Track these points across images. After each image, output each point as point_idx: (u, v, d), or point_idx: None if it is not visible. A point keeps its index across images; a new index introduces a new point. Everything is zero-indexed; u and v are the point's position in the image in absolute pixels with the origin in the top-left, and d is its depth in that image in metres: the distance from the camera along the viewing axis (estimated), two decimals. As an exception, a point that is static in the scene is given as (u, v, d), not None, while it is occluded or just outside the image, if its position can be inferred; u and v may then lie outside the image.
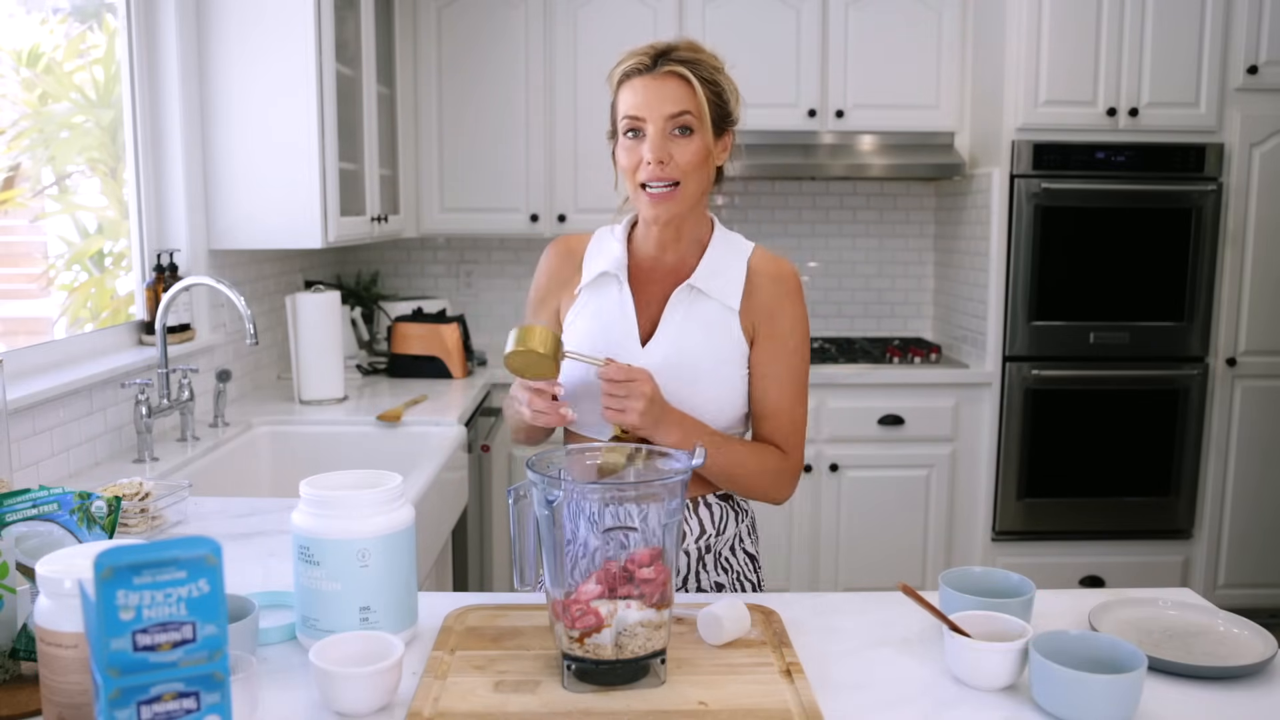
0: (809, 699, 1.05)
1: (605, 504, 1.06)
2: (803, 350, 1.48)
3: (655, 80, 1.38)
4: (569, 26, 3.59)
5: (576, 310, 1.51)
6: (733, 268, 1.47)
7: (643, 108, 1.38)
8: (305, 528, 1.14)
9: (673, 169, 1.38)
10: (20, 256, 2.51)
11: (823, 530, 3.50)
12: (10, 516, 1.08)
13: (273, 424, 2.63)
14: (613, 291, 1.48)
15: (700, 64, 1.40)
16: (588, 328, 1.48)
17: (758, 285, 1.47)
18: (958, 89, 3.64)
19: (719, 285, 1.45)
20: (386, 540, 1.15)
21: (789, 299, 1.47)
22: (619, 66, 1.42)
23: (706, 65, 1.41)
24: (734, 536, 1.54)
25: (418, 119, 3.65)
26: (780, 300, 1.46)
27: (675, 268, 1.48)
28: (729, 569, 1.53)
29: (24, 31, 2.32)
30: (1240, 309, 3.45)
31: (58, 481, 1.97)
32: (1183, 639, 1.22)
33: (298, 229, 2.68)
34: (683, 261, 1.49)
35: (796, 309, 1.47)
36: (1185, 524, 3.51)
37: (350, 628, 1.13)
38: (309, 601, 1.15)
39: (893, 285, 4.05)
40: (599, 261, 1.50)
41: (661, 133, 1.38)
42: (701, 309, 1.45)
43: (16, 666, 1.08)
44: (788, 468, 1.48)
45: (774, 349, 1.46)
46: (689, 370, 1.43)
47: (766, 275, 1.47)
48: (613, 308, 1.48)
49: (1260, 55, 3.32)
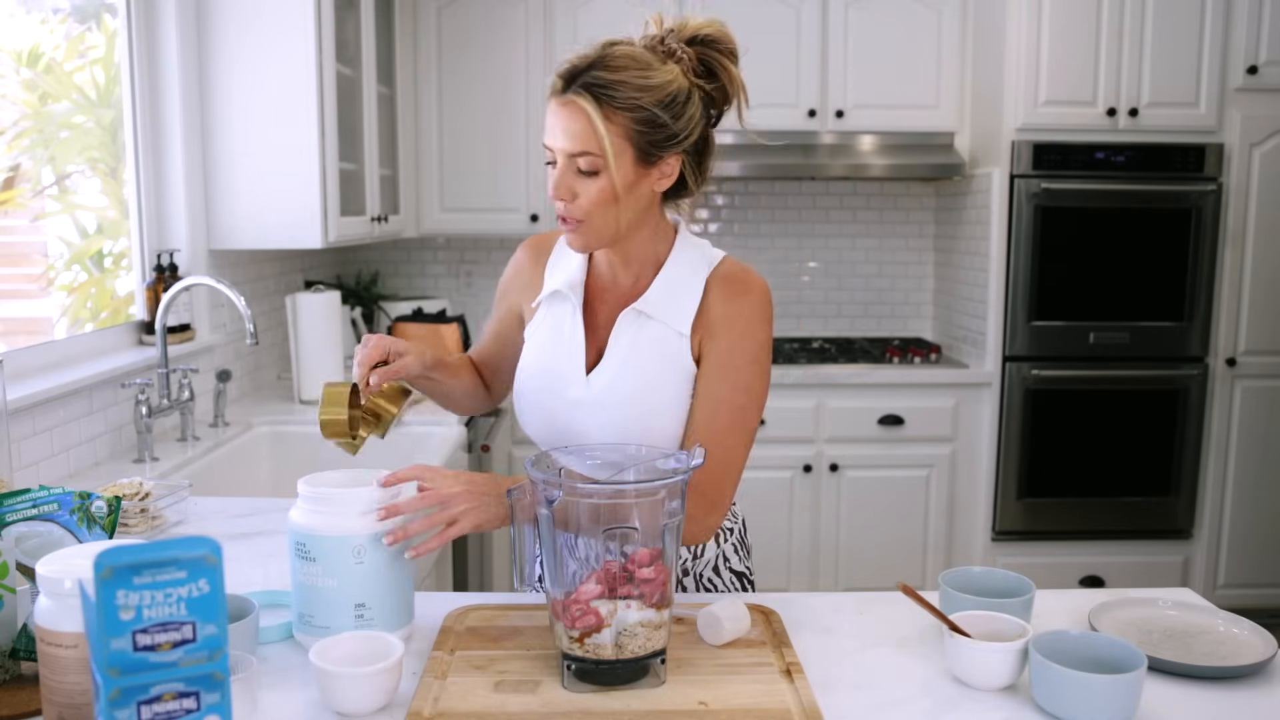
0: (809, 699, 1.05)
1: (605, 504, 1.06)
2: (745, 374, 1.32)
3: (562, 108, 1.24)
4: (569, 26, 3.59)
5: (534, 326, 1.44)
6: (687, 287, 1.35)
7: (550, 137, 1.26)
8: (302, 524, 1.15)
9: (576, 208, 1.26)
10: (20, 256, 2.51)
11: (823, 530, 3.50)
12: (10, 516, 1.08)
13: (273, 424, 2.63)
14: (566, 312, 1.40)
15: (618, 87, 1.22)
16: (538, 351, 1.42)
17: (710, 304, 1.34)
18: (958, 89, 3.64)
19: (669, 308, 1.34)
20: (381, 537, 1.15)
21: (740, 317, 1.33)
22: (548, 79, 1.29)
23: (628, 89, 1.22)
24: (715, 558, 1.47)
25: (418, 119, 3.65)
26: (730, 319, 1.33)
27: (630, 289, 1.38)
28: (713, 589, 1.47)
29: (24, 31, 2.32)
30: (1240, 309, 3.45)
31: (58, 481, 1.97)
32: (1183, 639, 1.22)
33: (298, 229, 2.68)
34: (639, 280, 1.38)
35: (747, 327, 1.32)
36: (1185, 524, 3.51)
37: (346, 625, 1.14)
38: (305, 598, 1.15)
39: (893, 285, 4.05)
40: (557, 276, 1.42)
41: (564, 169, 1.25)
42: (650, 334, 1.34)
43: (16, 666, 1.08)
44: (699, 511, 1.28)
45: (715, 367, 1.32)
46: (632, 400, 1.33)
47: (721, 293, 1.34)
48: (564, 330, 1.39)
49: (1260, 55, 3.32)
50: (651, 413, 1.33)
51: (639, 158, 1.25)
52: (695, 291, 1.35)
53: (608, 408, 1.34)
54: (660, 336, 1.34)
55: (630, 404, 1.33)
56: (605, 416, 1.34)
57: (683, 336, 1.34)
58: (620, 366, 1.35)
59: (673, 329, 1.34)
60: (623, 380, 1.34)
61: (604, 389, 1.34)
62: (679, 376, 1.34)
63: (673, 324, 1.34)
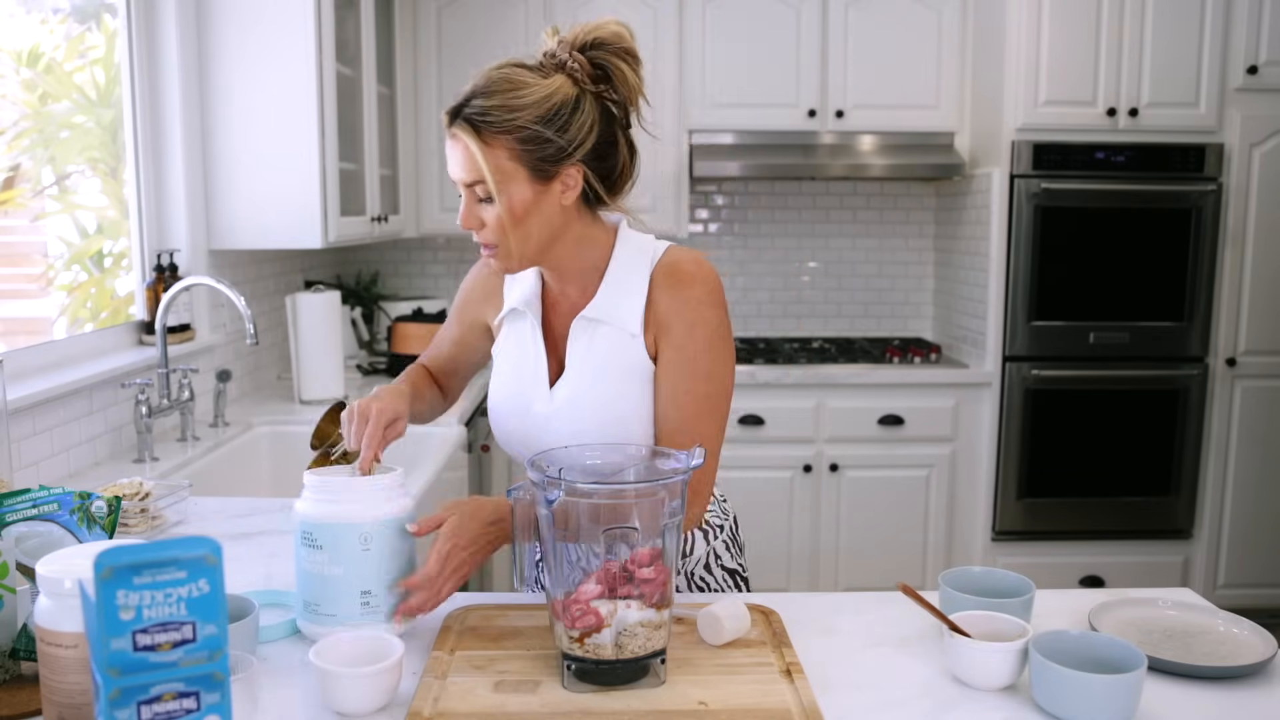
0: (809, 699, 1.05)
1: (605, 504, 1.06)
2: (704, 359, 1.31)
3: (449, 141, 1.28)
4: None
5: (500, 344, 1.45)
6: (632, 286, 1.34)
7: (451, 171, 1.29)
8: (309, 513, 1.16)
9: (486, 234, 1.28)
10: (20, 256, 2.51)
11: (823, 530, 3.50)
12: (10, 516, 1.08)
13: (273, 424, 2.63)
14: (526, 329, 1.41)
15: (492, 113, 1.23)
16: (505, 371, 1.43)
17: (656, 298, 1.33)
18: (958, 89, 3.64)
19: (617, 311, 1.33)
20: (388, 524, 1.16)
21: (687, 304, 1.32)
22: None
23: (502, 112, 1.23)
24: (706, 555, 1.47)
25: (418, 119, 3.65)
26: (676, 306, 1.32)
27: (578, 299, 1.38)
28: (705, 588, 1.47)
29: (24, 31, 2.32)
30: (1240, 309, 3.45)
31: (58, 481, 1.97)
32: (1183, 639, 1.22)
33: (298, 229, 2.68)
34: (585, 290, 1.37)
35: (696, 315, 1.31)
36: (1185, 524, 3.51)
37: (351, 614, 1.14)
38: (310, 586, 1.16)
39: (893, 285, 4.05)
40: (514, 293, 1.43)
41: (467, 200, 1.28)
42: (603, 339, 1.34)
43: (16, 666, 1.08)
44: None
45: (670, 360, 1.32)
46: (596, 407, 1.33)
47: (664, 283, 1.33)
48: (526, 347, 1.41)
49: (1260, 55, 3.32)
50: (618, 418, 1.33)
51: (533, 176, 1.25)
52: (640, 289, 1.34)
53: (575, 418, 1.34)
54: (613, 340, 1.34)
55: (595, 411, 1.34)
56: (573, 427, 1.34)
57: (635, 337, 1.33)
58: (580, 376, 1.35)
59: (624, 331, 1.34)
60: (584, 389, 1.35)
61: (567, 400, 1.35)
62: (639, 377, 1.34)
63: (622, 325, 1.33)
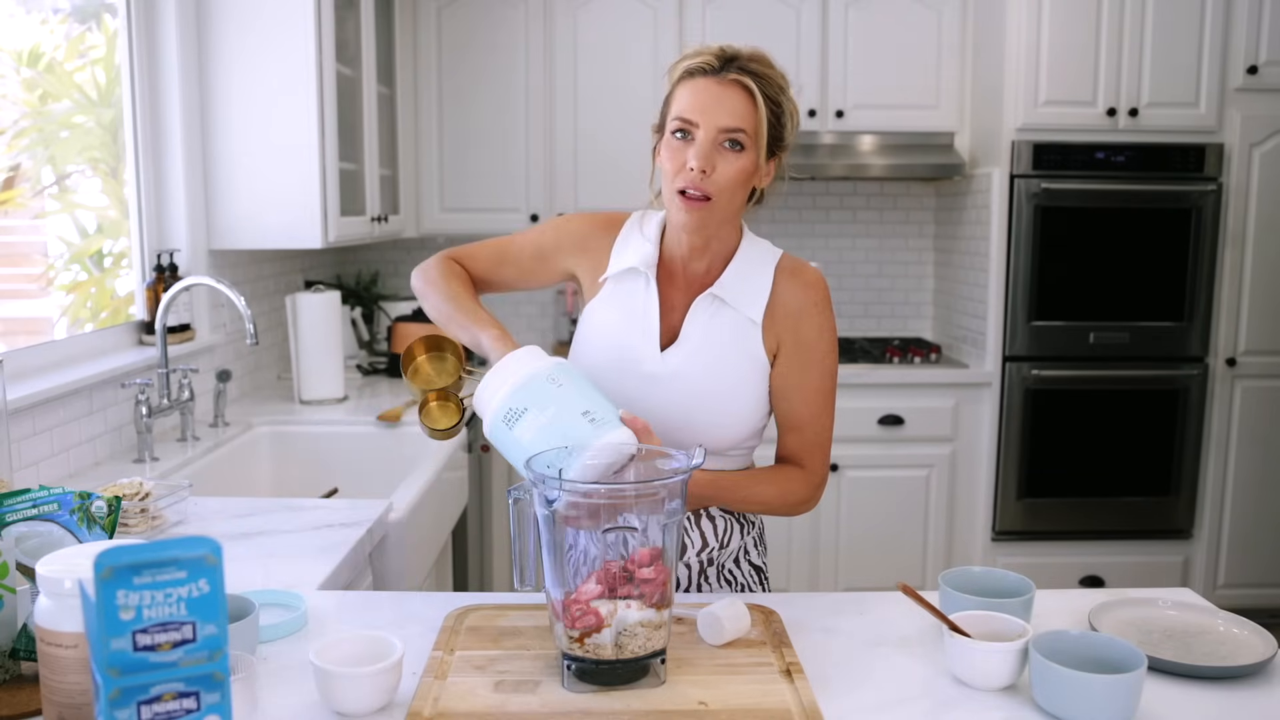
0: (809, 699, 1.05)
1: (605, 504, 1.06)
2: (830, 359, 1.43)
3: (718, 85, 1.32)
4: (569, 26, 3.59)
5: (600, 301, 1.46)
6: (758, 278, 1.42)
7: (698, 111, 1.32)
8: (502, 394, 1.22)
9: (711, 183, 1.32)
10: (20, 256, 2.51)
11: (823, 530, 3.50)
12: (10, 516, 1.08)
13: (273, 424, 2.63)
14: (639, 289, 1.44)
15: (768, 80, 1.33)
16: (609, 320, 1.44)
17: (782, 295, 1.42)
18: (958, 89, 3.64)
19: (743, 296, 1.41)
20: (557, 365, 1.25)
21: (815, 307, 1.42)
22: (682, 62, 1.35)
23: (774, 82, 1.34)
24: (739, 549, 1.50)
25: (418, 119, 3.65)
26: (806, 309, 1.42)
27: (701, 276, 1.44)
28: (732, 582, 1.49)
29: (24, 31, 2.32)
30: (1240, 309, 3.45)
31: (58, 481, 1.97)
32: (1183, 639, 1.22)
33: (298, 229, 2.69)
34: (709, 270, 1.44)
35: (823, 317, 1.42)
36: (1185, 524, 3.51)
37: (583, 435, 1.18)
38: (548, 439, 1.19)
39: (893, 285, 4.05)
40: (629, 255, 1.45)
41: (711, 142, 1.31)
42: (723, 320, 1.41)
43: (16, 666, 1.08)
44: (809, 488, 1.44)
45: (800, 358, 1.41)
46: (704, 382, 1.39)
47: (791, 284, 1.42)
48: (637, 305, 1.43)
49: (1260, 55, 3.32)
50: (721, 394, 1.40)
51: (763, 149, 1.34)
52: (765, 282, 1.42)
53: (681, 385, 1.39)
54: (733, 322, 1.41)
55: (703, 382, 1.39)
56: (678, 394, 1.39)
57: (755, 324, 1.41)
58: (695, 347, 1.41)
59: (745, 316, 1.41)
60: (697, 360, 1.40)
61: (678, 366, 1.40)
62: (749, 362, 1.41)
63: (745, 311, 1.41)
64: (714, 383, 1.39)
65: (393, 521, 1.89)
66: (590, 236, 1.50)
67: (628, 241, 1.47)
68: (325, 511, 1.81)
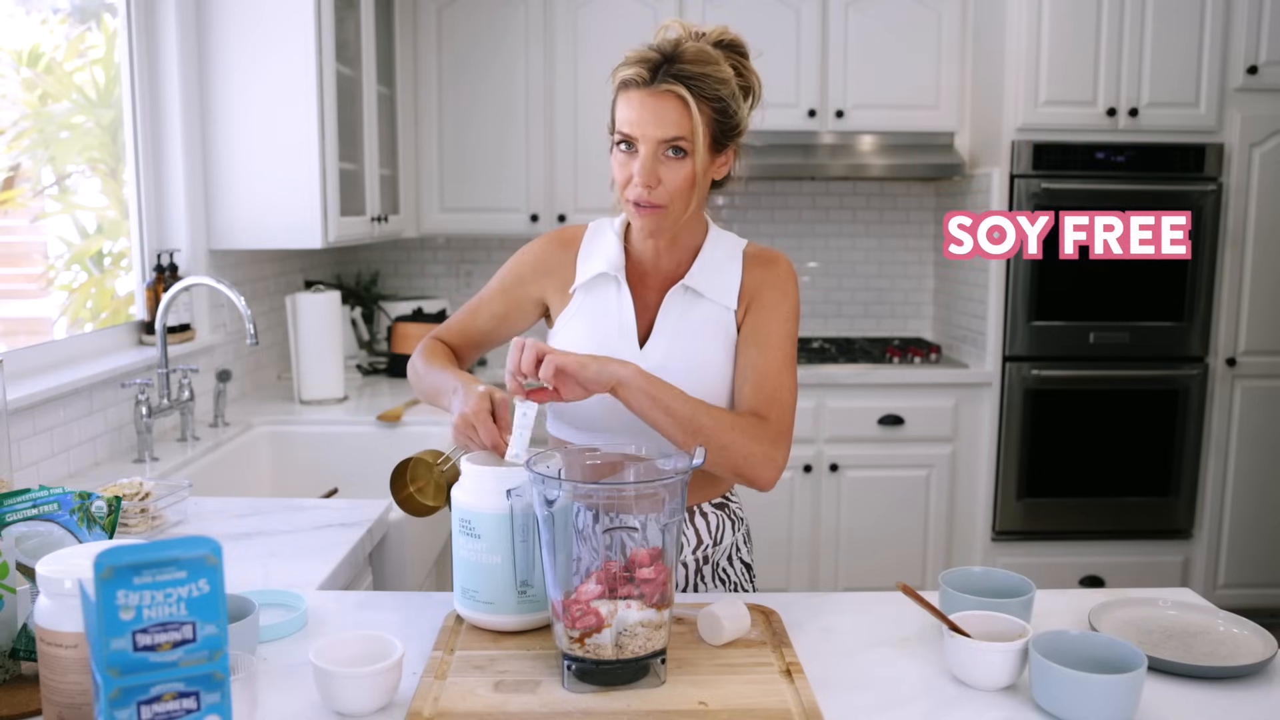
0: (809, 699, 1.05)
1: (605, 504, 1.06)
2: (789, 324, 1.43)
3: (652, 98, 1.30)
4: (569, 27, 3.59)
5: (571, 312, 1.47)
6: (728, 267, 1.45)
7: (635, 126, 1.32)
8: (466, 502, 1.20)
9: (660, 193, 1.33)
10: (20, 256, 2.51)
11: (823, 530, 3.50)
12: (10, 516, 1.08)
13: (273, 424, 2.63)
14: (610, 293, 1.45)
15: (704, 79, 1.30)
16: (583, 329, 1.45)
17: (749, 276, 1.45)
18: (958, 89, 3.64)
19: (714, 285, 1.43)
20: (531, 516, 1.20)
21: (779, 281, 1.44)
22: (619, 70, 1.34)
23: (711, 81, 1.31)
24: (730, 546, 1.52)
25: (418, 119, 3.65)
26: (769, 283, 1.44)
27: (670, 271, 1.46)
28: (726, 580, 1.51)
29: (24, 31, 2.32)
30: (1240, 309, 3.45)
31: (58, 481, 1.97)
32: (1183, 639, 1.22)
33: (298, 229, 2.69)
34: (678, 265, 1.46)
35: (786, 288, 1.44)
36: (1185, 524, 3.51)
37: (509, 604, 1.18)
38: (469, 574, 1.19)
39: (893, 285, 4.05)
40: (596, 262, 1.46)
41: (652, 155, 1.31)
42: (698, 310, 1.43)
43: (16, 666, 1.08)
44: (767, 441, 1.33)
45: (759, 318, 1.42)
46: (686, 371, 1.39)
47: (757, 265, 1.46)
48: (610, 309, 1.45)
49: (1260, 55, 3.32)
50: (704, 380, 1.40)
51: (712, 146, 1.35)
52: (735, 272, 1.45)
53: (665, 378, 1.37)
54: (707, 311, 1.43)
55: (685, 373, 1.39)
56: None
57: (729, 310, 1.44)
58: (673, 339, 1.43)
59: (719, 304, 1.44)
60: (676, 351, 1.42)
61: (660, 360, 1.41)
62: (727, 345, 1.43)
63: (719, 300, 1.44)
64: (697, 372, 1.40)
65: (393, 521, 1.89)
66: (549, 256, 1.51)
67: (591, 250, 1.49)
68: (325, 511, 1.81)
